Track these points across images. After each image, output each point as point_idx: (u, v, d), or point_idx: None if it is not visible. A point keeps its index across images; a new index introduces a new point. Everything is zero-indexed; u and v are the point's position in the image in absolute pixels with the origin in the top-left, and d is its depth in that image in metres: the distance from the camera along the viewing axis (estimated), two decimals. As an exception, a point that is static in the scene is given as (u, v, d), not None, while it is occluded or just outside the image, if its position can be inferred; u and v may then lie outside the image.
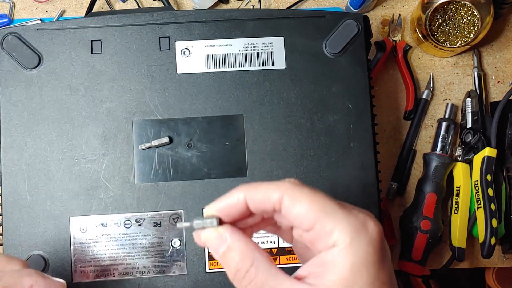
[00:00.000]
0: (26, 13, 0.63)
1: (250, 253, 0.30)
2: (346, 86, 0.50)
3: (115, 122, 0.49)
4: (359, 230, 0.29)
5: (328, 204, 0.29)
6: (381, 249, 0.29)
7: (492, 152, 0.57)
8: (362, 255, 0.28)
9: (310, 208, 0.29)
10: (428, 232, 0.58)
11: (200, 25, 0.50)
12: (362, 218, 0.29)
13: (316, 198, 0.29)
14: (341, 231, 0.28)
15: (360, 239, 0.28)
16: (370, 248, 0.28)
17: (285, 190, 0.30)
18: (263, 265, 0.29)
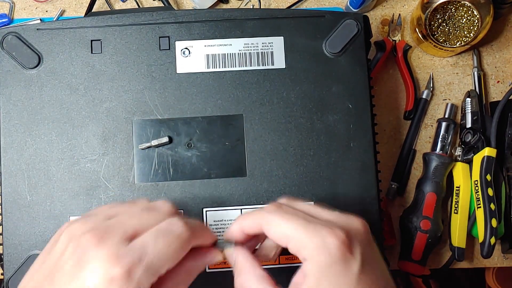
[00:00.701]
0: (26, 13, 0.63)
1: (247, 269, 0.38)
2: (346, 86, 0.50)
3: (115, 122, 0.49)
4: (318, 246, 0.34)
5: (294, 225, 0.35)
6: (341, 260, 0.34)
7: (492, 152, 0.57)
8: (323, 267, 0.34)
9: (279, 231, 0.36)
10: (428, 232, 0.58)
11: (200, 25, 0.50)
12: (323, 234, 0.35)
13: (284, 221, 0.36)
14: (305, 248, 0.35)
15: (320, 253, 0.34)
16: (329, 261, 0.34)
17: (261, 217, 0.37)
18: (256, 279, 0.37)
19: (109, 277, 0.32)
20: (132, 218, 0.36)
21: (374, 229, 0.49)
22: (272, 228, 0.37)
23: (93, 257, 0.33)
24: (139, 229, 0.35)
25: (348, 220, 0.37)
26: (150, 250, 0.34)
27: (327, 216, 0.37)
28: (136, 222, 0.36)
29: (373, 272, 0.36)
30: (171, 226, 0.36)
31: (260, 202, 0.48)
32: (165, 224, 0.36)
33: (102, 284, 0.32)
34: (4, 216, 0.47)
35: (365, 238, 0.37)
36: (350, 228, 0.36)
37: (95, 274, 0.32)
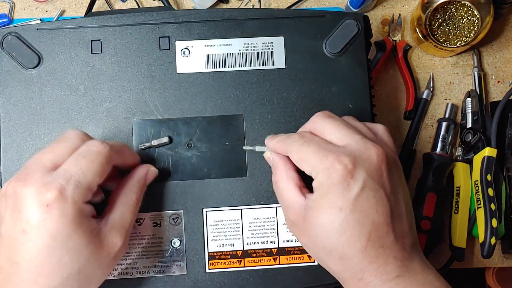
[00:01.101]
0: (26, 13, 0.63)
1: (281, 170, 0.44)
2: (346, 86, 0.50)
3: (115, 122, 0.49)
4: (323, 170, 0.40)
5: (308, 153, 0.41)
6: (340, 183, 0.39)
7: (492, 152, 0.57)
8: (324, 185, 0.40)
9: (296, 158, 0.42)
10: (428, 232, 0.58)
11: (200, 25, 0.50)
12: (330, 161, 0.39)
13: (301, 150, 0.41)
14: (313, 170, 0.40)
15: (324, 175, 0.39)
16: (329, 182, 0.39)
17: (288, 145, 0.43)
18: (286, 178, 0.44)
19: (45, 204, 0.36)
20: (46, 153, 0.40)
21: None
22: (293, 154, 0.42)
23: (24, 196, 0.37)
24: (57, 159, 0.39)
25: (362, 148, 0.40)
26: (74, 170, 0.38)
27: (344, 141, 0.41)
28: (51, 155, 0.39)
29: (375, 199, 0.39)
30: (89, 146, 0.40)
31: (260, 202, 0.48)
32: (84, 146, 0.40)
33: (41, 213, 0.36)
34: (4, 216, 0.47)
35: (373, 166, 0.40)
36: (359, 155, 0.40)
37: (31, 208, 0.36)
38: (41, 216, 0.36)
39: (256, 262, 0.48)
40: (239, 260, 0.48)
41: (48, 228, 0.36)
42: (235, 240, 0.48)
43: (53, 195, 0.36)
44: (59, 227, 0.36)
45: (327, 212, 0.39)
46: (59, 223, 0.36)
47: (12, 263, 0.37)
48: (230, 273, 0.48)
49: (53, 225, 0.36)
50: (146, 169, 0.46)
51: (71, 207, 0.37)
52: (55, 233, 0.36)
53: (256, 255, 0.48)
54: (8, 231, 0.37)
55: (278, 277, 0.48)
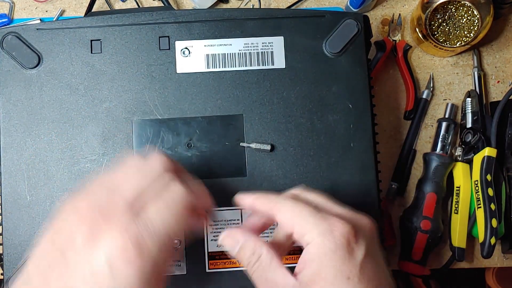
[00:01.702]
0: (26, 13, 0.63)
1: (258, 250, 0.38)
2: (346, 86, 0.50)
3: (115, 122, 0.49)
4: (324, 231, 0.35)
5: (303, 212, 0.37)
6: (346, 247, 0.35)
7: (492, 152, 0.57)
8: (326, 251, 0.35)
9: (287, 217, 0.37)
10: (428, 232, 0.58)
11: (200, 25, 0.50)
12: (331, 222, 0.36)
13: (294, 209, 0.37)
14: (310, 233, 0.36)
15: (325, 238, 0.35)
16: (333, 245, 0.35)
17: (273, 203, 0.39)
18: (265, 260, 0.37)
19: (122, 249, 0.33)
20: (130, 184, 0.37)
21: (374, 229, 0.49)
22: (281, 213, 0.38)
23: (103, 232, 0.34)
24: (140, 195, 0.36)
25: (357, 216, 0.38)
26: (154, 218, 0.35)
27: (337, 210, 0.38)
28: (135, 188, 0.37)
29: (376, 266, 0.36)
30: (173, 194, 0.37)
31: (260, 202, 0.48)
32: (168, 194, 0.37)
33: (116, 256, 0.33)
34: (4, 216, 0.47)
35: (371, 235, 0.38)
36: (357, 223, 0.37)
37: (108, 248, 0.33)
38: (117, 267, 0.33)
39: (256, 262, 0.48)
40: (239, 260, 0.48)
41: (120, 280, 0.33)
42: (235, 240, 0.48)
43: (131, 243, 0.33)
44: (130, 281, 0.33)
45: (333, 283, 0.34)
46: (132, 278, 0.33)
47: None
48: (230, 273, 0.48)
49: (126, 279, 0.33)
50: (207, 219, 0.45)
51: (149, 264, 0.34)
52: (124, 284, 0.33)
53: (256, 255, 0.48)
54: (74, 260, 0.34)
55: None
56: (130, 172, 0.38)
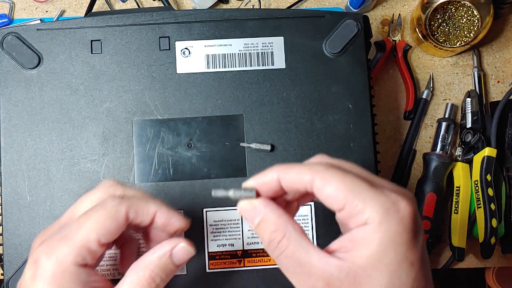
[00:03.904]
0: (26, 13, 0.63)
1: (283, 225, 0.31)
2: (346, 86, 0.50)
3: (115, 122, 0.49)
4: (389, 209, 0.29)
5: (358, 184, 0.30)
6: (412, 229, 0.30)
7: (492, 152, 0.57)
8: (391, 234, 0.29)
9: (339, 190, 0.30)
10: (428, 232, 0.58)
11: (200, 25, 0.50)
12: (394, 198, 0.30)
13: (346, 180, 0.30)
14: (371, 210, 0.29)
15: (390, 218, 0.29)
16: (400, 228, 0.29)
17: (316, 172, 0.31)
18: (294, 237, 0.31)
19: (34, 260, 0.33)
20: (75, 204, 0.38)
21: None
22: (327, 186, 0.31)
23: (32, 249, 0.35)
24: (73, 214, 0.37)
25: (404, 189, 0.32)
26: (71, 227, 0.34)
27: (384, 182, 0.32)
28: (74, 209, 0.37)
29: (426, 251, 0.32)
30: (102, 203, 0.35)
31: (260, 202, 0.48)
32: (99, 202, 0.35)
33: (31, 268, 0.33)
34: (4, 216, 0.47)
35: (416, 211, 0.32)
36: (412, 197, 0.31)
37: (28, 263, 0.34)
38: (30, 273, 0.33)
39: (256, 262, 0.48)
40: (239, 260, 0.48)
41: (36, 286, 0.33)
42: (235, 240, 0.48)
43: (41, 251, 0.33)
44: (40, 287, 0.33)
45: (397, 270, 0.29)
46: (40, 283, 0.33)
47: None
48: (230, 273, 0.48)
49: (36, 284, 0.33)
50: (172, 245, 0.35)
51: (54, 266, 0.32)
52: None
53: (256, 255, 0.48)
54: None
55: (278, 277, 0.48)
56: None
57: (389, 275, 0.29)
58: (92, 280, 0.34)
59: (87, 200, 0.37)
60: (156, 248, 0.35)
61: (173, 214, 0.36)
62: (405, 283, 0.29)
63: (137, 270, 0.34)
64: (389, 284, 0.29)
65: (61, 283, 0.32)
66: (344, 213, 0.31)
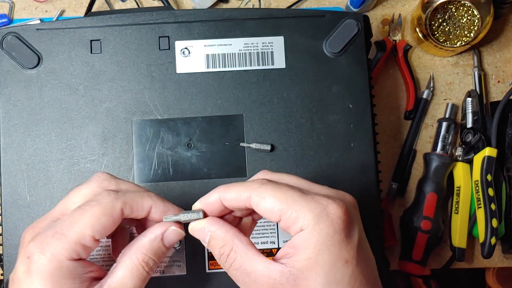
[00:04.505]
0: (25, 13, 0.63)
1: (230, 239, 0.35)
2: (346, 86, 0.50)
3: (115, 122, 0.49)
4: (319, 214, 0.32)
5: (290, 195, 0.33)
6: (343, 229, 0.32)
7: (492, 152, 0.57)
8: (323, 236, 0.32)
9: (273, 203, 0.33)
10: (429, 232, 0.57)
11: (200, 25, 0.50)
12: (324, 203, 0.33)
13: (279, 192, 0.33)
14: (304, 217, 0.32)
15: (321, 222, 0.32)
16: (331, 230, 0.32)
17: (252, 189, 0.34)
18: (241, 249, 0.34)
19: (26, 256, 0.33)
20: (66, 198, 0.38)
21: (375, 229, 0.49)
22: (264, 201, 0.33)
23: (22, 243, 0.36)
24: (65, 208, 0.37)
25: (340, 194, 0.35)
26: (65, 222, 0.34)
27: (318, 189, 0.35)
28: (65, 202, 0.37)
29: (368, 248, 0.35)
30: (95, 197, 0.35)
31: (260, 202, 0.48)
32: (92, 197, 0.36)
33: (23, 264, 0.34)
34: (4, 216, 0.47)
35: (357, 212, 0.35)
36: (345, 200, 0.34)
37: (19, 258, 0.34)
38: (23, 268, 0.33)
39: (256, 262, 0.48)
40: (239, 260, 0.48)
41: (27, 283, 0.33)
42: (235, 240, 0.48)
43: (34, 247, 0.33)
44: (35, 283, 0.33)
45: (332, 269, 0.32)
46: (35, 280, 0.33)
47: None
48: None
49: (31, 281, 0.33)
50: (163, 228, 0.37)
51: (49, 263, 0.33)
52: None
53: (256, 255, 0.48)
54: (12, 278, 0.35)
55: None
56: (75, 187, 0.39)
57: (324, 275, 0.32)
58: (87, 271, 0.35)
59: (80, 193, 0.37)
60: (148, 232, 0.37)
61: (169, 207, 0.38)
62: (341, 280, 0.32)
63: (130, 255, 0.35)
64: (325, 283, 0.32)
65: (57, 279, 0.33)
66: (282, 224, 0.33)
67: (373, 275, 0.34)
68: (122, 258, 0.36)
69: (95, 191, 0.36)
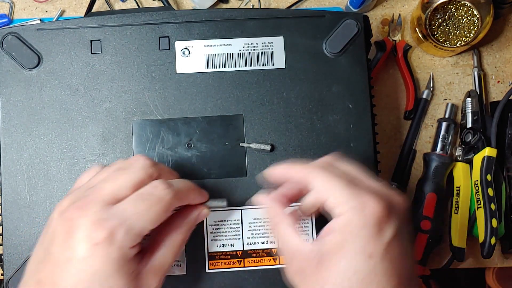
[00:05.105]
0: (25, 13, 0.63)
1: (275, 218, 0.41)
2: (346, 86, 0.50)
3: (115, 122, 0.49)
4: (356, 207, 0.35)
5: (338, 183, 0.37)
6: (374, 226, 0.35)
7: (492, 152, 0.57)
8: (354, 227, 0.35)
9: (321, 187, 0.38)
10: (428, 232, 0.58)
11: (200, 25, 0.50)
12: (364, 198, 0.36)
13: (329, 178, 0.37)
14: (342, 206, 0.36)
15: (355, 214, 0.35)
16: (362, 223, 0.35)
17: (311, 170, 0.39)
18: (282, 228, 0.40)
19: (93, 242, 0.35)
20: (108, 182, 0.38)
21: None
22: (317, 181, 0.38)
23: (78, 227, 0.36)
24: (117, 193, 0.38)
25: (391, 193, 0.38)
26: (130, 213, 0.37)
27: (371, 184, 0.38)
28: (112, 185, 0.38)
29: (403, 247, 0.36)
30: (153, 189, 0.38)
31: (260, 202, 0.48)
32: (148, 187, 0.38)
33: (88, 249, 0.35)
34: (4, 216, 0.47)
35: (403, 214, 0.37)
36: (391, 200, 0.37)
37: (81, 241, 0.36)
38: (87, 252, 0.36)
39: (256, 262, 0.48)
40: (239, 260, 0.48)
41: (91, 265, 0.36)
42: (235, 240, 0.48)
43: (102, 235, 0.35)
44: (101, 267, 0.36)
45: (354, 257, 0.35)
46: (102, 263, 0.36)
47: (53, 283, 0.37)
48: (230, 273, 0.48)
49: (96, 264, 0.36)
50: (199, 211, 0.43)
51: (117, 251, 0.36)
52: (96, 271, 0.36)
53: (256, 255, 0.48)
54: (56, 253, 0.37)
55: (278, 277, 0.48)
56: (109, 171, 0.40)
57: (346, 262, 0.35)
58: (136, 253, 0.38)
59: (128, 178, 0.39)
60: (187, 213, 0.42)
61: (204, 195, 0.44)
62: (360, 272, 0.34)
63: (172, 235, 0.41)
64: (344, 270, 0.35)
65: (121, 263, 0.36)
66: (327, 205, 0.37)
67: (399, 278, 0.35)
68: (163, 237, 0.40)
69: (142, 179, 0.39)
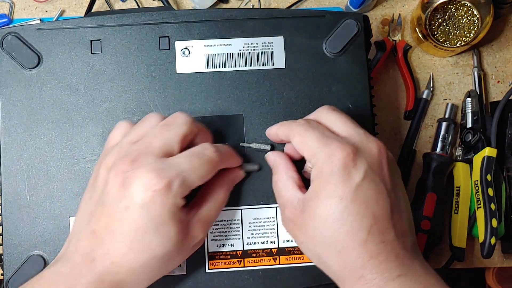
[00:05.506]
0: (25, 13, 0.63)
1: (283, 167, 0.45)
2: (346, 86, 0.50)
3: (115, 122, 0.48)
4: (325, 157, 0.39)
5: (311, 137, 0.41)
6: (341, 171, 0.38)
7: (492, 152, 0.57)
8: (324, 174, 0.39)
9: (297, 142, 0.42)
10: (428, 232, 0.58)
11: (200, 25, 0.50)
12: (333, 147, 0.39)
13: (305, 135, 0.41)
14: (315, 157, 0.40)
15: (325, 162, 0.39)
16: (330, 170, 0.39)
17: (291, 128, 0.43)
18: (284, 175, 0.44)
19: (153, 189, 0.38)
20: (156, 137, 0.41)
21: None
22: (295, 137, 0.42)
23: (135, 177, 0.39)
24: (167, 148, 0.40)
25: (365, 140, 0.41)
26: (185, 167, 0.40)
27: (345, 132, 0.41)
28: (161, 140, 0.41)
29: (376, 189, 0.39)
30: (204, 150, 0.42)
31: (260, 202, 0.48)
32: (199, 148, 0.42)
33: (148, 196, 0.38)
34: (4, 216, 0.47)
35: (375, 159, 0.40)
36: (361, 146, 0.40)
37: (139, 190, 0.38)
38: (146, 199, 0.38)
39: (256, 262, 0.48)
40: (239, 260, 0.48)
41: (149, 211, 0.38)
42: (235, 240, 0.48)
43: (161, 184, 0.38)
44: (158, 213, 0.38)
45: (327, 201, 0.39)
46: (159, 210, 0.38)
47: (109, 232, 0.39)
48: (230, 273, 0.48)
49: (154, 210, 0.38)
50: (238, 172, 0.47)
51: (172, 199, 0.39)
52: (153, 217, 0.38)
53: (256, 255, 0.48)
54: (112, 203, 0.39)
55: (278, 277, 0.48)
56: (151, 126, 0.43)
57: (320, 206, 0.39)
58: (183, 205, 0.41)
59: (174, 133, 0.41)
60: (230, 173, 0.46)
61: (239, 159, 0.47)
62: (333, 214, 0.38)
63: (219, 190, 0.45)
64: (320, 213, 0.39)
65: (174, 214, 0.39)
66: (306, 157, 0.42)
67: (374, 217, 0.38)
68: (209, 193, 0.44)
69: (187, 135, 0.42)
